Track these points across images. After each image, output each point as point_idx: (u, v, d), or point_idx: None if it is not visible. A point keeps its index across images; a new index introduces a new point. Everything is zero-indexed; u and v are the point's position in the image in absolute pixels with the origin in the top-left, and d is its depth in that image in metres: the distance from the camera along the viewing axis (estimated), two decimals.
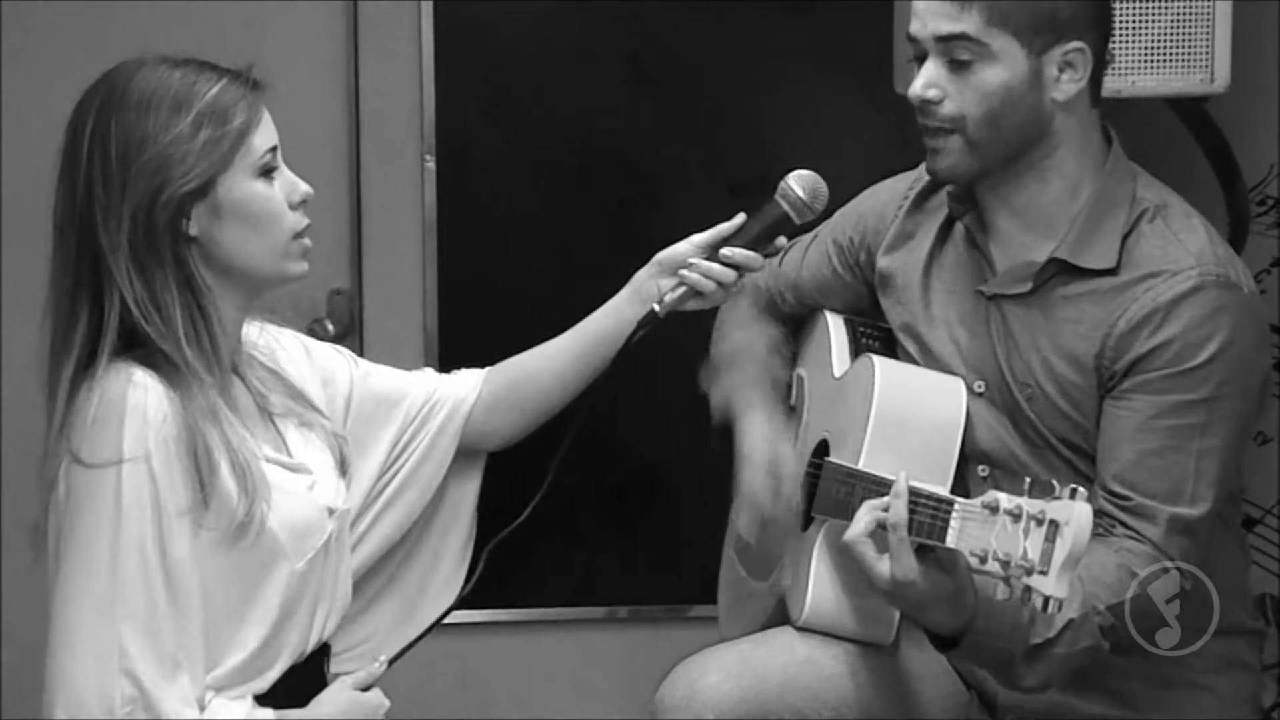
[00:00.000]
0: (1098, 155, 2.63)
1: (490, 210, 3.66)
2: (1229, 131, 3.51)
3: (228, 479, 2.21)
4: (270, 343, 2.46)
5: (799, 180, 2.54)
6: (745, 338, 2.91)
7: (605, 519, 3.72)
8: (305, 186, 2.32)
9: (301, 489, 2.33)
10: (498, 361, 2.64)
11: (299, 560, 2.29)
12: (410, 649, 2.51)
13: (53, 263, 2.28)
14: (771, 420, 2.78)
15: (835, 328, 2.87)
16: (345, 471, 2.44)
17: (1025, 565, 2.18)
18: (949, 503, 2.31)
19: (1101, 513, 2.51)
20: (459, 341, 3.59)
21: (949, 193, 2.71)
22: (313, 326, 3.49)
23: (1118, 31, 3.04)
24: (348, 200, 3.59)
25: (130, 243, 2.21)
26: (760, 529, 2.74)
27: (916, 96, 2.56)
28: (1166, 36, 3.09)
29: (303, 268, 2.32)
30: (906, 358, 2.74)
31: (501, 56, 3.62)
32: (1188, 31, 3.09)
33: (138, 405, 2.17)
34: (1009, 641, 2.43)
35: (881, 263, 2.79)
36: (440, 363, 3.26)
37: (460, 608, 2.58)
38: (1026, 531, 2.18)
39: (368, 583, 2.55)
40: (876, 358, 2.67)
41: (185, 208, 2.22)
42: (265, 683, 2.30)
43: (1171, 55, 3.10)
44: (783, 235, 2.55)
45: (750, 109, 3.66)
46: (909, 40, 2.60)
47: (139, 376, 2.19)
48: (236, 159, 2.24)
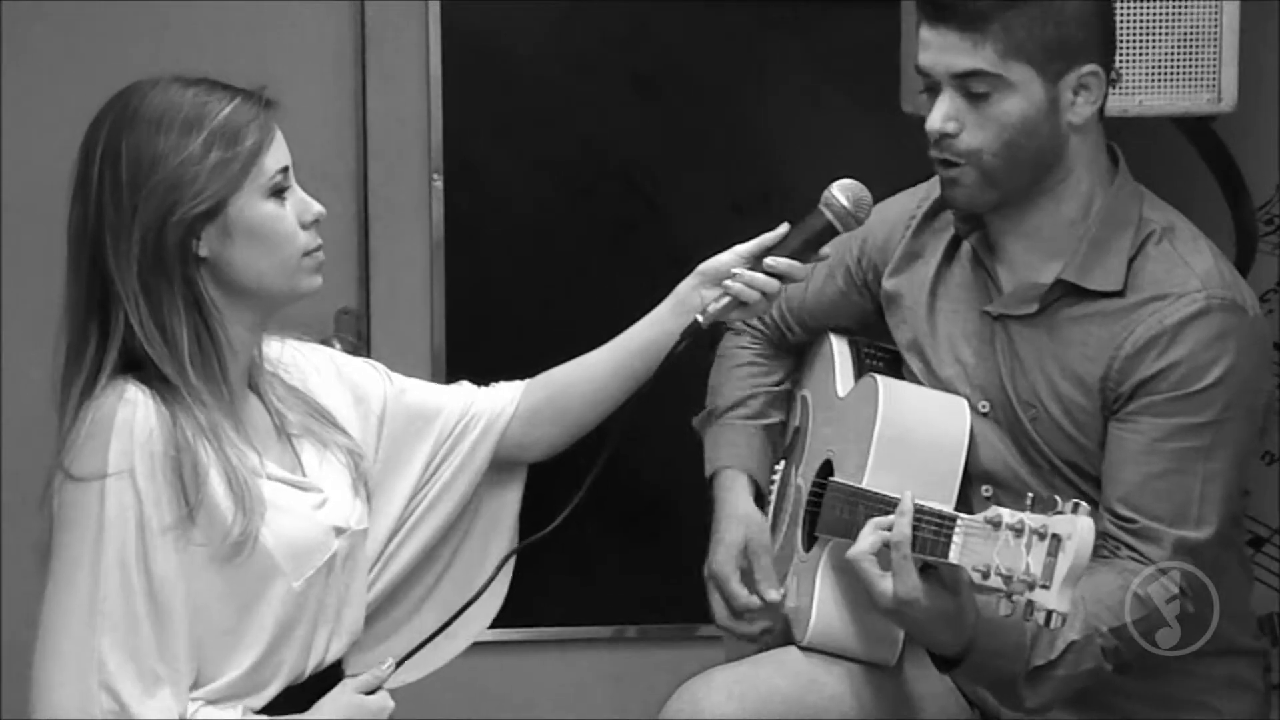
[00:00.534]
0: (1106, 174, 2.63)
1: (498, 229, 3.66)
2: (1236, 151, 3.51)
3: (222, 496, 2.21)
4: (298, 360, 2.45)
5: (843, 189, 2.53)
6: (743, 389, 2.91)
7: (613, 538, 3.71)
8: (318, 207, 2.31)
9: (305, 507, 2.32)
10: (506, 379, 2.64)
11: (296, 579, 2.28)
12: (418, 651, 2.50)
13: (66, 282, 2.27)
14: (750, 510, 2.81)
15: (839, 349, 2.87)
16: (364, 490, 2.42)
17: (1028, 580, 2.18)
18: (952, 519, 2.31)
19: (1106, 535, 2.51)
20: (466, 360, 3.58)
21: (955, 212, 2.71)
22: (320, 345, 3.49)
23: (1125, 51, 3.04)
24: (355, 219, 3.59)
25: (139, 264, 2.21)
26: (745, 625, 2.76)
27: (935, 131, 2.55)
28: (1174, 56, 3.09)
29: (315, 282, 2.32)
30: (911, 377, 2.74)
31: (509, 75, 3.63)
32: (1195, 51, 3.09)
33: (125, 421, 2.17)
34: (1011, 662, 2.43)
35: (888, 282, 2.79)
36: (447, 381, 3.26)
37: None
38: (1029, 546, 2.18)
39: (399, 601, 2.54)
40: (880, 377, 2.67)
41: (196, 229, 2.22)
42: (260, 701, 2.29)
43: (1179, 74, 3.10)
44: (826, 245, 2.54)
45: (757, 126, 3.66)
46: (919, 72, 2.59)
47: (130, 392, 2.19)
48: (248, 180, 2.24)
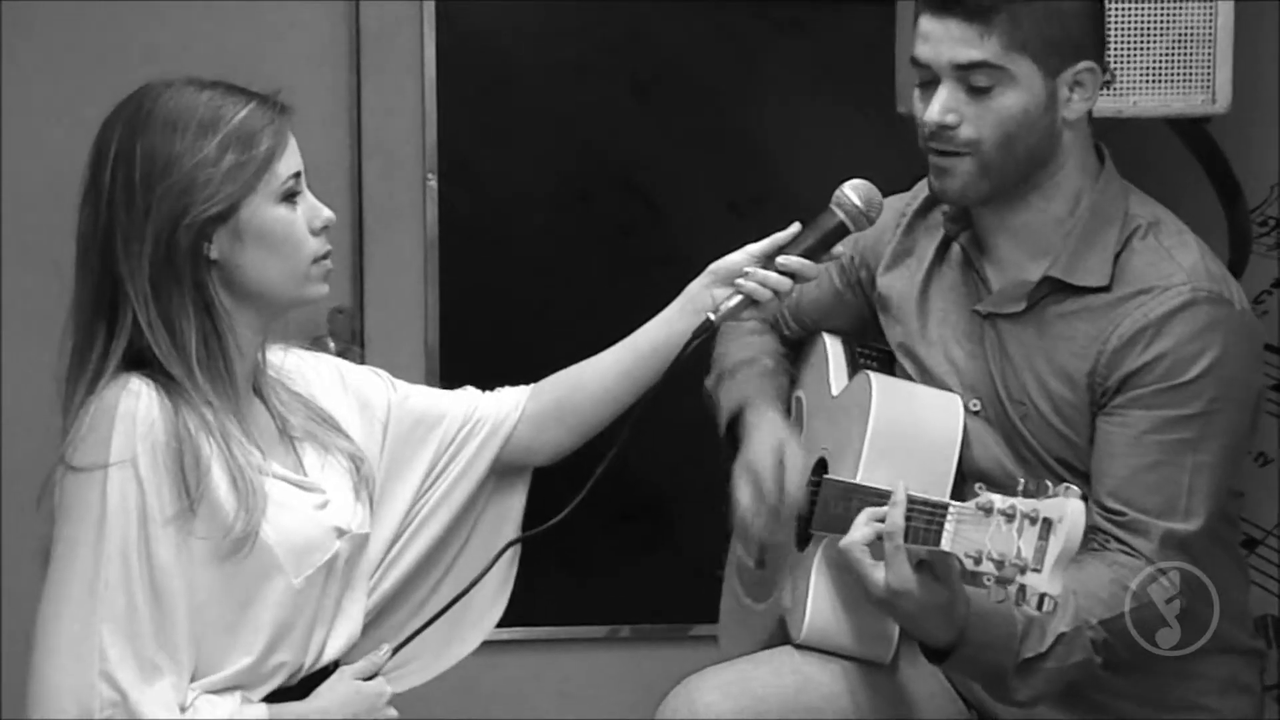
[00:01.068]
0: (1094, 171, 2.64)
1: (492, 229, 3.66)
2: (1230, 152, 3.51)
3: (225, 492, 2.21)
4: (302, 368, 2.45)
5: (854, 189, 2.53)
6: (752, 349, 2.91)
7: (608, 538, 3.71)
8: (328, 212, 2.31)
9: (307, 507, 2.32)
10: (500, 378, 2.63)
11: (297, 577, 2.28)
12: (416, 637, 2.50)
13: (75, 282, 2.27)
14: (783, 428, 2.75)
15: (833, 349, 2.87)
16: (367, 495, 2.42)
17: (1019, 564, 2.18)
18: (944, 507, 2.31)
19: (1096, 529, 2.51)
20: (460, 359, 3.59)
21: (944, 212, 2.71)
22: (314, 344, 3.49)
23: (1120, 52, 3.05)
24: (349, 218, 3.59)
25: (150, 265, 2.20)
26: (765, 525, 2.70)
27: (934, 123, 2.55)
28: (1168, 57, 3.09)
29: (322, 290, 2.32)
30: (904, 377, 2.74)
31: (504, 75, 3.63)
32: (1189, 52, 3.09)
33: (128, 410, 2.17)
34: (1001, 654, 2.43)
35: (880, 282, 2.79)
36: (441, 381, 3.27)
37: None
38: (1020, 531, 2.19)
39: (403, 603, 2.54)
40: (873, 374, 2.68)
41: (208, 231, 2.22)
42: (256, 696, 2.28)
43: (1173, 76, 3.10)
44: (838, 245, 2.54)
45: (752, 129, 3.66)
46: (915, 64, 2.59)
47: (134, 384, 2.19)
48: (260, 184, 2.24)
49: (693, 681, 2.63)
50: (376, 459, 2.47)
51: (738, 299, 2.50)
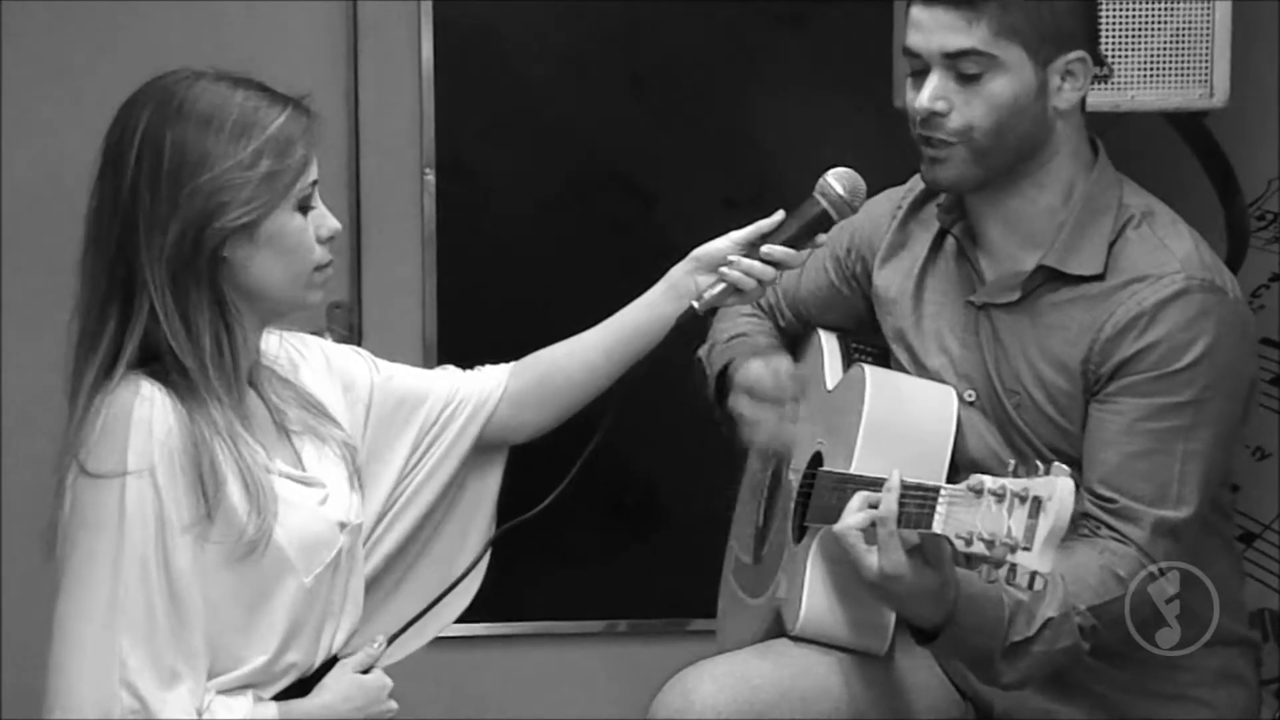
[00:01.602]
0: (1087, 163, 2.64)
1: (489, 223, 3.66)
2: (1228, 146, 3.52)
3: (237, 495, 2.21)
4: (291, 354, 2.45)
5: (838, 178, 2.53)
6: (746, 325, 2.92)
7: (604, 533, 3.72)
8: (335, 223, 2.31)
9: (312, 503, 2.32)
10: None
11: (307, 575, 2.28)
12: (410, 626, 2.50)
13: (85, 262, 2.25)
14: (769, 355, 2.77)
15: (828, 343, 2.88)
16: (359, 483, 2.42)
17: (1009, 543, 2.18)
18: (935, 490, 2.32)
19: (1087, 515, 2.52)
20: (458, 354, 3.52)
21: (938, 204, 2.72)
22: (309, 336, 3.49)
23: (1118, 46, 3.05)
24: (347, 213, 3.59)
25: (171, 258, 2.19)
26: (772, 428, 2.70)
27: (924, 109, 2.56)
28: (1166, 51, 3.09)
29: (319, 296, 2.32)
30: (899, 369, 2.75)
31: (501, 71, 3.63)
32: (1187, 46, 3.09)
33: (143, 418, 2.16)
34: (989, 637, 2.44)
35: (876, 274, 2.80)
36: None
37: (459, 620, 2.57)
38: (1010, 510, 2.19)
39: (382, 580, 2.54)
40: (867, 366, 2.68)
41: (232, 236, 2.21)
42: (268, 694, 2.28)
43: (1171, 70, 3.10)
44: (821, 233, 2.54)
45: (749, 124, 3.66)
46: (907, 54, 2.59)
47: (146, 389, 2.18)
48: (291, 194, 2.23)
49: (688, 673, 2.63)
50: (360, 439, 2.47)
51: (721, 287, 2.51)
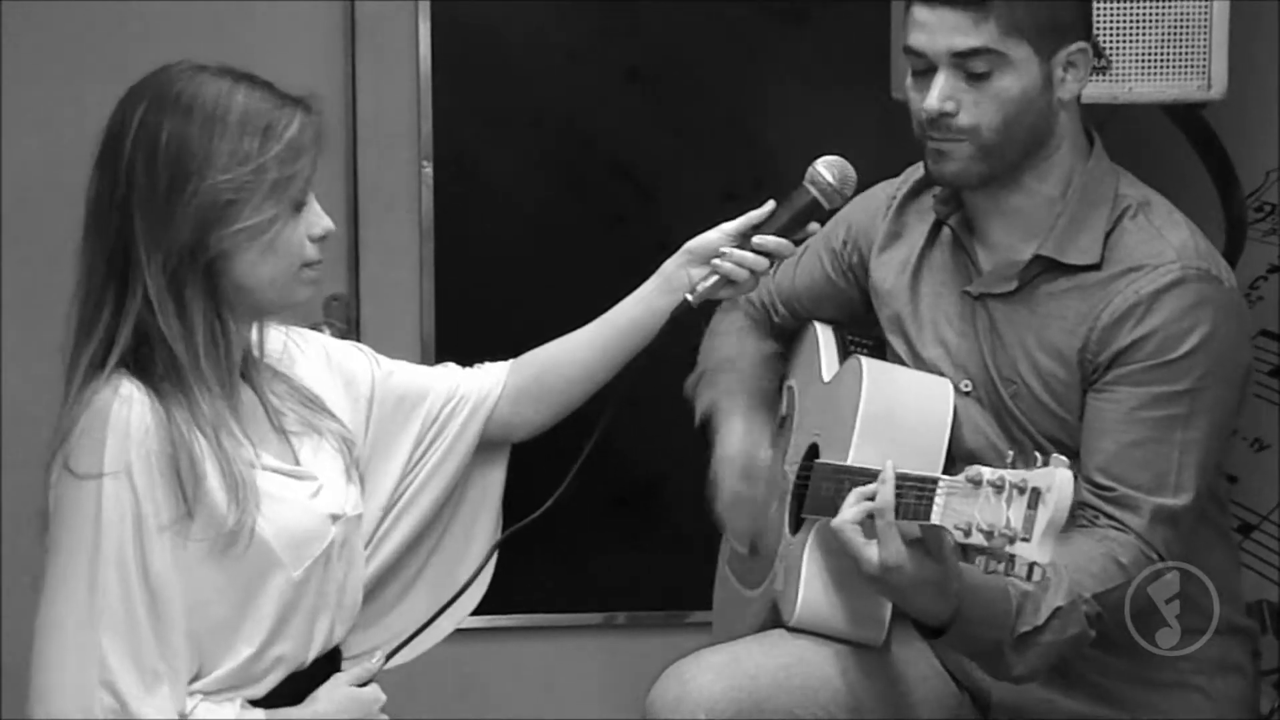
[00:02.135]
0: (1084, 152, 2.65)
1: (488, 217, 3.66)
2: (1226, 138, 3.52)
3: (217, 489, 2.20)
4: (288, 346, 2.45)
5: (827, 165, 2.53)
6: (735, 349, 2.92)
7: (604, 526, 3.72)
8: (329, 223, 2.30)
9: (302, 497, 2.31)
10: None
11: (296, 569, 2.27)
12: (407, 645, 2.51)
13: (83, 249, 2.25)
14: (749, 426, 2.79)
15: (824, 336, 2.88)
16: (357, 476, 2.42)
17: (1008, 534, 2.18)
18: (933, 481, 2.32)
19: (1085, 505, 2.52)
20: (456, 347, 3.54)
21: (934, 195, 2.72)
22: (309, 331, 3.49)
23: (1115, 38, 3.05)
24: (345, 206, 3.59)
25: (171, 253, 2.19)
26: (739, 526, 2.74)
27: (934, 110, 2.55)
28: (1164, 43, 3.09)
29: (308, 293, 2.31)
30: (895, 360, 2.75)
31: (499, 63, 3.63)
32: (1185, 38, 3.09)
33: (120, 419, 2.16)
34: (997, 629, 2.43)
35: (873, 265, 2.80)
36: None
37: None
38: (1009, 501, 2.19)
39: (390, 582, 2.54)
40: (864, 358, 2.69)
41: (233, 238, 2.21)
42: (260, 690, 2.29)
43: (1169, 62, 3.10)
44: (814, 221, 2.54)
45: (747, 117, 3.66)
46: (909, 53, 2.59)
47: (125, 389, 2.18)
48: (292, 201, 2.23)
49: (685, 663, 2.63)
50: (362, 435, 2.47)
51: (714, 279, 2.51)
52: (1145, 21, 3.08)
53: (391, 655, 2.48)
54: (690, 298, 2.51)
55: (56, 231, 2.39)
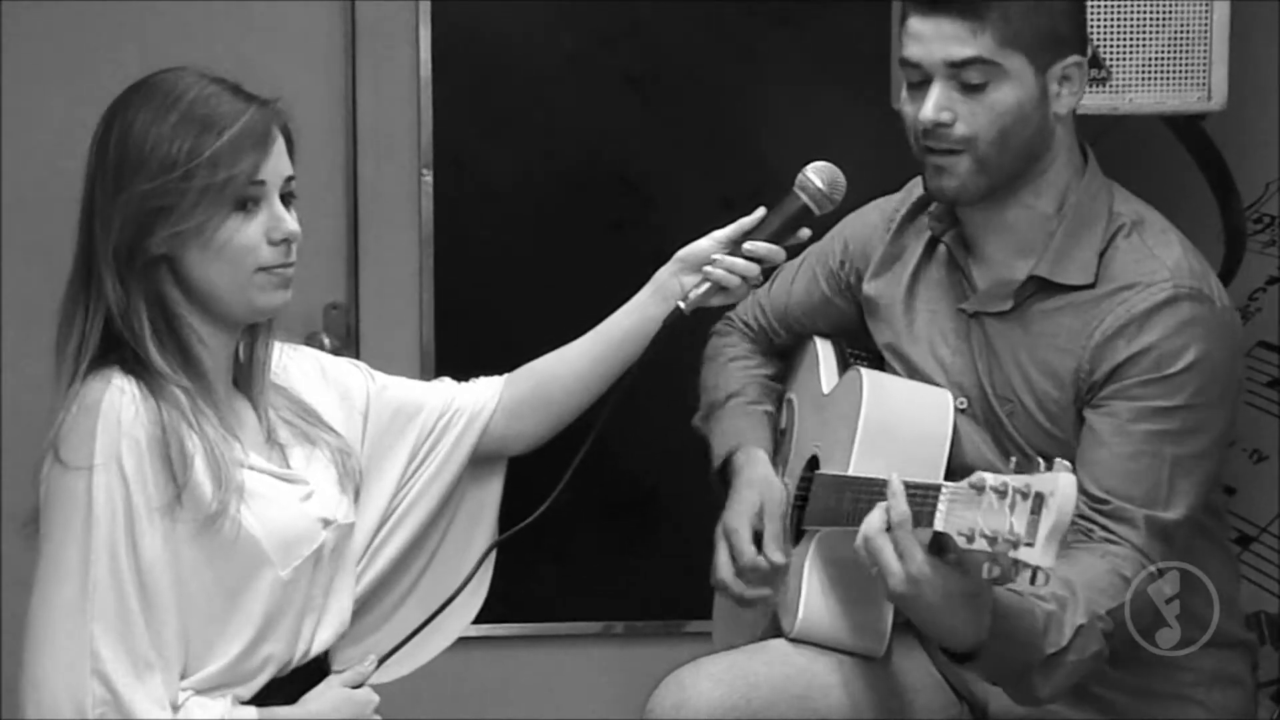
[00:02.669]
0: (1079, 168, 2.65)
1: (487, 224, 3.66)
2: (1226, 149, 3.52)
3: (202, 470, 2.21)
4: (284, 361, 2.45)
5: (817, 171, 2.55)
6: (738, 379, 2.92)
7: (602, 535, 3.71)
8: (292, 225, 2.27)
9: (293, 499, 2.32)
10: (493, 374, 2.64)
11: (284, 569, 2.28)
12: (402, 647, 2.51)
13: (75, 246, 2.29)
14: (764, 476, 2.77)
15: (823, 349, 2.89)
16: (352, 487, 2.43)
17: (1012, 539, 2.17)
18: (936, 488, 2.30)
19: (1081, 517, 2.50)
20: (455, 356, 3.58)
21: (929, 212, 2.72)
22: (309, 341, 3.48)
23: (1115, 49, 3.05)
24: (345, 214, 3.59)
25: (114, 255, 2.22)
26: (740, 587, 2.72)
27: (929, 120, 2.55)
28: (1163, 54, 3.09)
29: (274, 299, 2.28)
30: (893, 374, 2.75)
31: (499, 71, 3.62)
32: (1185, 49, 3.09)
33: (111, 409, 2.18)
34: (1026, 650, 2.38)
35: (868, 285, 2.81)
36: (434, 376, 3.26)
37: None
38: (1013, 506, 2.18)
39: (384, 595, 2.55)
40: (864, 370, 2.69)
41: (170, 240, 2.22)
42: (247, 692, 2.29)
43: (1168, 73, 3.10)
44: (804, 227, 2.56)
45: (746, 123, 3.66)
46: (905, 65, 2.59)
47: (117, 381, 2.20)
48: (233, 200, 2.23)
49: (685, 671, 2.63)
50: (358, 449, 2.48)
51: (706, 286, 2.53)
52: (1145, 32, 3.09)
53: (385, 659, 2.48)
54: (683, 305, 2.53)
55: (56, 231, 2.39)
